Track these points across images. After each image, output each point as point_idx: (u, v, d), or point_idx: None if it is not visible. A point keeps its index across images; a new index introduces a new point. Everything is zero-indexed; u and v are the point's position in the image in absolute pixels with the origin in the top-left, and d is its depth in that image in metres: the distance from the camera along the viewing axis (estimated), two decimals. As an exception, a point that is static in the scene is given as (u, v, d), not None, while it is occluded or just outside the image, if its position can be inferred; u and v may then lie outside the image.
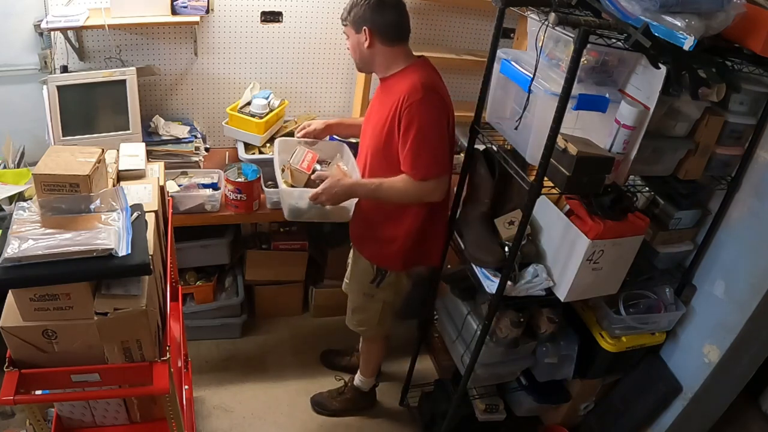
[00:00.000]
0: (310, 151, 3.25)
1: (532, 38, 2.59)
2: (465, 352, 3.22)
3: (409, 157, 2.81)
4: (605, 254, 2.68)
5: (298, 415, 3.95)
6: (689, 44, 2.00)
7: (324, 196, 2.88)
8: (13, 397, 1.91)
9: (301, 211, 3.02)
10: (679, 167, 2.73)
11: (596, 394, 3.68)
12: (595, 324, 3.24)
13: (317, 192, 2.87)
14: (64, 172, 2.01)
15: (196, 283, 4.17)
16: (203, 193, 3.63)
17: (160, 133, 3.84)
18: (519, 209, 3.01)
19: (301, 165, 3.12)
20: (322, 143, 3.38)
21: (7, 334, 1.93)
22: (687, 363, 3.28)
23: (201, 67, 4.09)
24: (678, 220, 3.03)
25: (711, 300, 3.10)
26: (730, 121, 2.62)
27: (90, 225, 1.99)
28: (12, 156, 3.67)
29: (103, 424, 2.45)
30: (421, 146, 2.79)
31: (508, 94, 2.78)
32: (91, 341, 1.99)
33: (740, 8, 2.13)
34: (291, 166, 3.07)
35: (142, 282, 2.02)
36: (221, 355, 4.28)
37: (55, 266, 1.84)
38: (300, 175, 3.09)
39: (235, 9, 3.93)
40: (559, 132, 2.28)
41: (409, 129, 2.76)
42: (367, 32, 2.83)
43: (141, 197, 2.43)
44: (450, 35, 4.50)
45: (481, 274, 2.91)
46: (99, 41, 3.76)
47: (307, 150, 3.24)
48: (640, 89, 2.42)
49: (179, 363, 2.86)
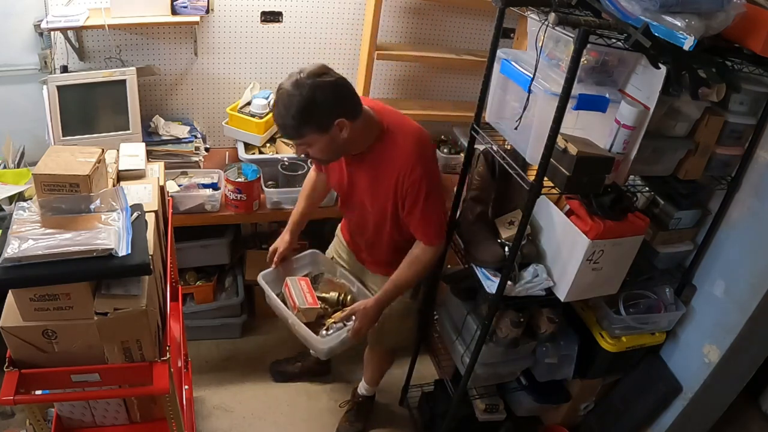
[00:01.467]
0: (301, 279, 3.25)
1: (532, 38, 2.58)
2: (465, 352, 3.22)
3: (421, 225, 2.80)
4: (605, 254, 2.67)
5: (298, 414, 3.95)
6: (689, 44, 2.00)
7: (365, 329, 2.95)
8: (13, 397, 1.92)
9: (337, 349, 3.02)
10: (679, 167, 2.72)
11: (596, 394, 3.68)
12: (595, 324, 3.24)
13: (358, 329, 2.93)
14: (64, 172, 2.02)
15: (196, 283, 4.17)
16: (203, 193, 3.63)
17: (160, 133, 3.84)
18: (519, 209, 3.02)
19: (307, 301, 3.09)
20: (296, 260, 3.37)
21: (7, 334, 1.93)
22: (687, 363, 3.28)
23: (201, 67, 4.10)
24: (678, 220, 3.03)
25: (711, 300, 3.10)
26: (730, 121, 2.61)
27: (90, 225, 1.99)
28: (12, 156, 3.67)
29: (103, 424, 2.46)
30: (431, 214, 2.78)
31: (508, 94, 2.78)
32: (91, 341, 2.00)
33: (740, 8, 2.13)
34: (300, 307, 3.05)
35: (142, 282, 2.03)
36: (221, 355, 4.28)
37: (55, 266, 1.85)
38: (311, 312, 3.08)
39: (235, 9, 3.93)
40: (559, 132, 2.28)
41: (415, 204, 2.72)
42: (342, 123, 2.52)
43: (141, 197, 2.44)
44: (450, 35, 4.50)
45: (481, 274, 2.91)
46: (99, 41, 3.77)
47: (298, 280, 3.23)
48: (640, 89, 2.41)
49: (179, 363, 2.86)
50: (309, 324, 3.02)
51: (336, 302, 3.19)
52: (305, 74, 2.42)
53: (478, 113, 2.95)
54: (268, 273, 3.24)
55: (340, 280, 3.29)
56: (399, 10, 4.26)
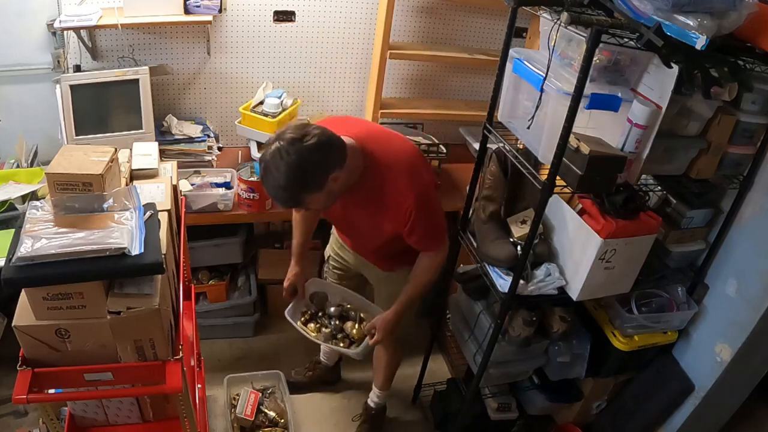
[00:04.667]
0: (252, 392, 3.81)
1: (545, 37, 2.58)
2: (477, 351, 3.22)
3: (423, 240, 2.80)
4: (617, 253, 2.67)
5: (310, 414, 3.96)
6: (701, 43, 1.99)
7: (386, 340, 3.04)
8: (27, 396, 1.93)
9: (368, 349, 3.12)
10: (692, 166, 2.72)
11: (608, 393, 3.67)
12: (607, 323, 3.23)
13: (378, 340, 2.98)
14: (77, 171, 2.03)
15: (209, 282, 4.18)
16: (216, 192, 3.64)
17: (173, 132, 3.85)
18: (531, 208, 3.01)
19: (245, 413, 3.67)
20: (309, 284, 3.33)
21: (20, 333, 1.94)
22: (699, 362, 3.27)
23: (214, 67, 4.11)
24: (690, 219, 3.02)
25: (723, 299, 3.09)
26: (743, 120, 2.60)
27: (103, 224, 2.00)
28: (25, 155, 3.69)
29: (116, 422, 2.47)
30: (431, 227, 2.77)
31: (521, 93, 2.77)
32: (103, 340, 2.01)
33: (752, 8, 2.12)
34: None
35: (155, 281, 2.03)
36: (234, 354, 4.29)
37: (68, 265, 1.85)
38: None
39: (247, 8, 3.94)
40: (572, 131, 2.28)
41: (414, 227, 2.69)
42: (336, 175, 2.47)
43: (154, 196, 2.44)
44: (463, 34, 4.50)
45: (494, 273, 2.91)
46: (112, 40, 3.78)
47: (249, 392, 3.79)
48: (653, 88, 2.41)
49: (192, 362, 2.87)
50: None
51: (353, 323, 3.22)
52: (286, 142, 2.34)
53: (490, 112, 2.95)
54: (290, 308, 3.21)
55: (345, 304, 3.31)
56: (412, 10, 4.26)
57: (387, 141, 2.71)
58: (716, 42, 2.07)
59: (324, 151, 2.39)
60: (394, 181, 2.62)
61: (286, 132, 2.37)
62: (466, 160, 4.24)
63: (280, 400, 3.85)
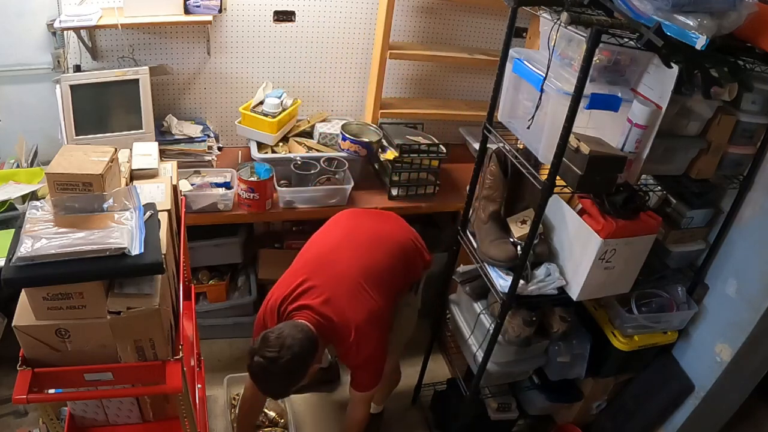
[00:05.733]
0: None
1: (545, 37, 2.58)
2: (477, 351, 3.22)
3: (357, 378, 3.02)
4: (617, 253, 2.67)
5: (310, 414, 3.96)
6: (701, 43, 2.00)
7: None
8: (27, 396, 1.93)
9: None
10: (692, 166, 2.72)
11: (608, 393, 3.67)
12: (607, 323, 3.23)
13: None
14: (77, 171, 2.03)
15: (209, 282, 4.18)
16: (216, 192, 3.63)
17: (173, 132, 3.85)
18: (531, 208, 3.02)
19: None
20: None
21: (20, 333, 1.94)
22: (699, 362, 3.27)
23: (214, 67, 4.10)
24: (690, 219, 3.02)
25: (723, 299, 3.09)
26: (743, 120, 2.61)
27: (103, 224, 2.00)
28: (25, 155, 3.69)
29: (116, 422, 2.47)
30: (372, 369, 2.94)
31: (521, 93, 2.78)
32: (104, 340, 2.01)
33: (752, 8, 2.12)
34: None
35: (155, 281, 2.04)
36: (234, 354, 4.29)
37: (68, 265, 1.85)
38: None
39: (247, 8, 3.94)
40: (572, 131, 2.28)
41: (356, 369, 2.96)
42: (315, 366, 2.78)
43: (154, 196, 2.44)
44: (462, 34, 4.50)
45: (494, 273, 2.91)
46: (112, 40, 3.78)
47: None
48: (653, 88, 2.41)
49: (192, 362, 2.87)
50: None
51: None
52: (267, 361, 2.57)
53: (490, 112, 2.95)
54: None
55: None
56: (412, 10, 4.26)
57: (345, 315, 2.80)
58: (716, 42, 2.07)
59: (304, 355, 2.63)
60: (345, 341, 2.80)
61: (263, 349, 2.60)
62: (466, 160, 4.26)
63: (280, 400, 3.85)
